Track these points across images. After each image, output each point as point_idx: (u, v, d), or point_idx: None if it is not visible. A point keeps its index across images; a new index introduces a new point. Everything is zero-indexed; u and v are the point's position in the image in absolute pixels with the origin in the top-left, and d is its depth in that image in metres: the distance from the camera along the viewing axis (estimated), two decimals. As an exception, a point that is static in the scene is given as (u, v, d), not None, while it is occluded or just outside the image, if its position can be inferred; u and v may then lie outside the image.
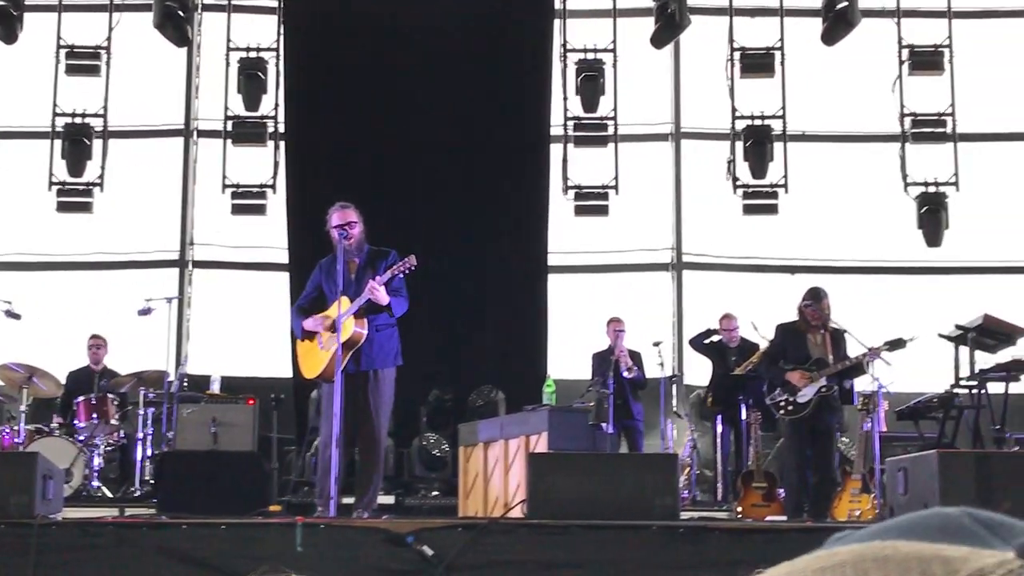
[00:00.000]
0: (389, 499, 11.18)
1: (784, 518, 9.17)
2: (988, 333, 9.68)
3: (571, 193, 13.93)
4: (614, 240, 14.50)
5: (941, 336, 9.92)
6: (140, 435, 11.07)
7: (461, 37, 13.27)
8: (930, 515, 0.72)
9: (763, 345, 11.03)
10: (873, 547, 0.70)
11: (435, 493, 11.56)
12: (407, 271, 7.87)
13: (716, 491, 11.58)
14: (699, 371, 13.04)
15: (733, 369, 11.54)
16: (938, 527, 0.70)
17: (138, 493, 10.76)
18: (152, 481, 10.67)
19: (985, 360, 9.72)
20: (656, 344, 11.76)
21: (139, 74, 14.48)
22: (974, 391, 9.61)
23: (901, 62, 14.01)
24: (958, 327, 9.74)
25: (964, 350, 9.70)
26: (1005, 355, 9.76)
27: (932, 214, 13.62)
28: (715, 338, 11.92)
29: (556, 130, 13.88)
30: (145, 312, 11.37)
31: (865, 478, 9.34)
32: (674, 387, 12.52)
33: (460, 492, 10.41)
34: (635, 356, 11.74)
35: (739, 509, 9.90)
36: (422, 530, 6.62)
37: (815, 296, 9.52)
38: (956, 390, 9.76)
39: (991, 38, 14.71)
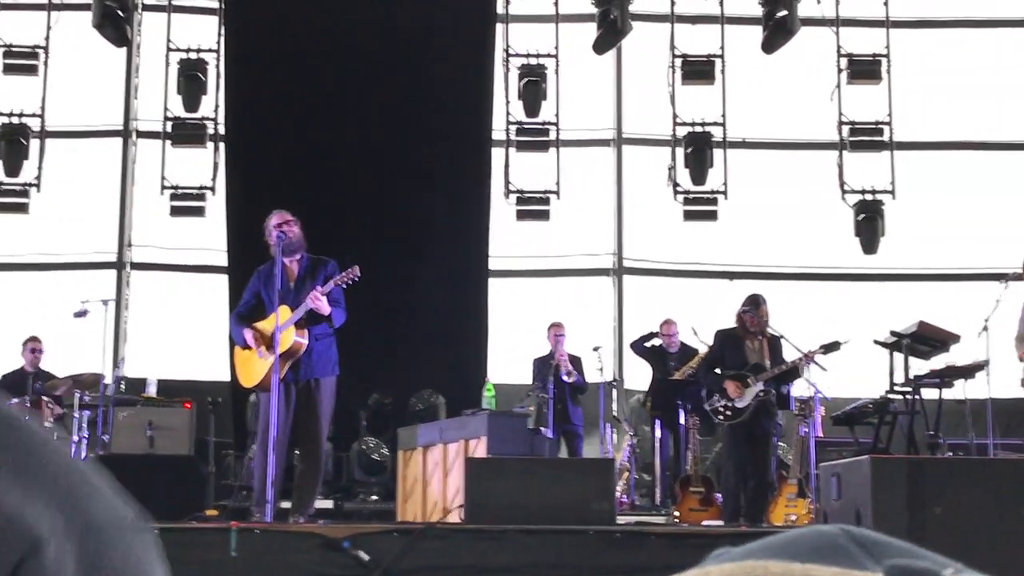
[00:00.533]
0: (328, 503, 11.13)
1: (721, 522, 9.23)
2: (923, 340, 9.78)
3: (513, 198, 13.95)
4: (555, 245, 14.53)
5: (877, 343, 10.01)
6: (75, 438, 10.92)
7: (403, 41, 13.24)
8: (806, 534, 0.73)
9: (702, 350, 11.12)
10: (744, 567, 0.70)
11: (374, 497, 11.52)
12: (350, 282, 7.87)
13: (654, 495, 11.63)
14: (639, 376, 13.10)
15: (672, 374, 11.60)
16: (812, 547, 0.71)
17: (73, 497, 10.62)
18: (87, 485, 10.54)
19: (920, 366, 9.83)
20: (596, 349, 11.80)
21: (77, 74, 14.34)
22: (908, 397, 9.71)
23: (839, 71, 14.14)
24: (893, 334, 9.84)
25: (899, 356, 9.79)
26: (939, 361, 9.86)
27: (869, 222, 13.76)
28: (655, 342, 11.98)
29: (498, 134, 13.89)
30: (81, 314, 11.23)
31: (801, 483, 9.43)
32: (614, 392, 12.56)
33: (399, 496, 10.39)
34: (575, 361, 11.77)
35: (676, 513, 9.96)
36: (358, 535, 6.62)
37: (754, 303, 9.61)
38: (891, 396, 9.85)
39: (928, 47, 14.89)
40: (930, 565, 0.68)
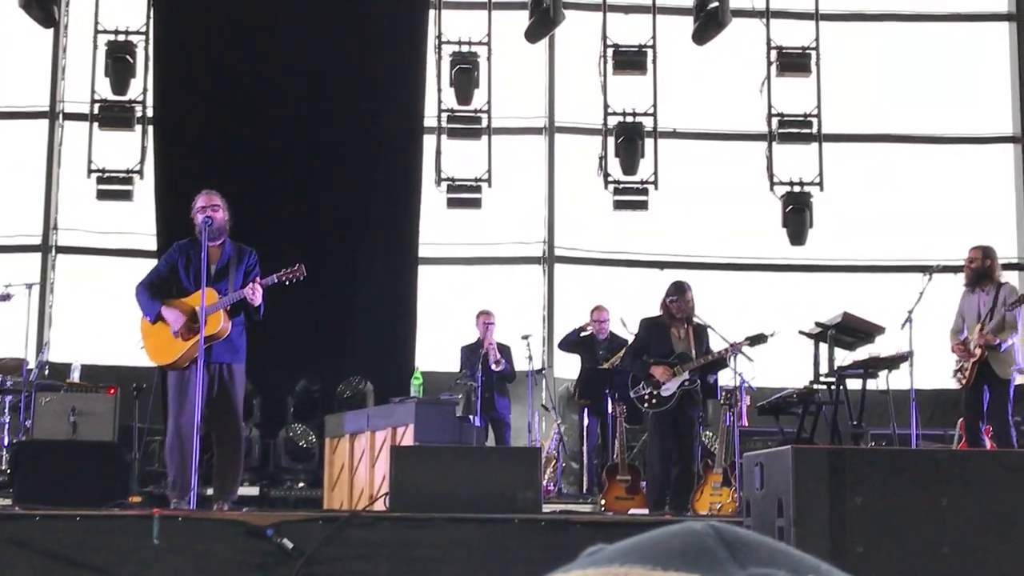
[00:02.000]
0: (254, 490, 11.07)
1: (646, 511, 9.29)
2: (847, 331, 9.90)
3: (444, 185, 13.93)
4: (486, 233, 14.53)
5: (802, 333, 10.12)
6: (-4, 423, 10.82)
7: (334, 26, 13.16)
8: (677, 534, 0.73)
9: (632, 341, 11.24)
10: (608, 572, 0.71)
11: (301, 485, 11.47)
12: (295, 280, 7.86)
13: (582, 483, 11.69)
14: (567, 365, 13.15)
15: (601, 363, 11.66)
16: (680, 550, 0.71)
17: (-7, 483, 10.50)
18: (8, 471, 10.42)
19: (844, 357, 9.95)
20: (525, 337, 11.82)
21: (3, 55, 14.12)
22: (833, 387, 9.83)
23: (769, 63, 14.25)
24: (818, 324, 9.95)
25: (824, 347, 9.91)
26: (863, 352, 10.00)
27: (797, 213, 13.89)
28: (587, 331, 12.02)
29: (430, 121, 13.85)
30: (4, 298, 11.08)
31: (726, 472, 9.51)
32: (543, 380, 12.59)
33: (325, 484, 10.35)
34: (504, 349, 11.79)
35: (603, 502, 10.01)
36: (282, 523, 6.59)
37: (679, 290, 9.67)
38: (815, 386, 9.97)
39: (857, 41, 15.05)
40: (787, 574, 0.69)
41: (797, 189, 14.04)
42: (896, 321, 9.85)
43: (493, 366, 11.47)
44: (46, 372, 11.71)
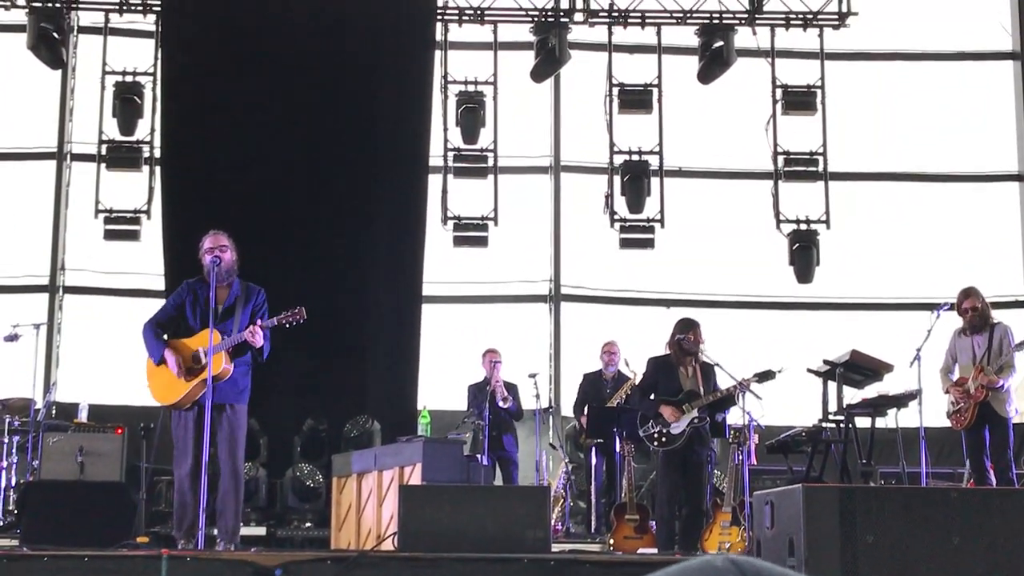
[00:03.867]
0: (260, 530, 11.04)
1: (655, 551, 9.25)
2: (856, 369, 9.88)
3: (450, 224, 13.95)
4: (492, 271, 14.54)
5: (810, 371, 10.10)
6: (4, 464, 10.79)
7: (341, 67, 13.23)
8: (698, 569, 0.73)
9: (636, 379, 11.25)
10: None
11: (308, 524, 11.44)
12: (296, 323, 7.87)
13: (590, 523, 11.63)
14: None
15: (607, 400, 11.64)
16: None
17: (1, 524, 10.47)
18: (15, 511, 10.40)
19: (852, 395, 9.92)
20: (532, 376, 11.80)
21: (12, 96, 14.19)
22: (842, 425, 9.80)
23: (775, 101, 14.29)
24: (827, 362, 9.93)
25: (833, 385, 9.88)
26: (872, 390, 9.98)
27: (803, 251, 13.89)
28: (592, 369, 12.06)
29: (436, 161, 13.89)
30: (12, 338, 11.09)
31: (735, 510, 9.46)
32: (550, 419, 12.56)
33: (333, 524, 10.31)
34: (511, 387, 11.77)
35: (611, 541, 9.96)
36: (291, 563, 6.55)
37: (688, 326, 9.64)
38: (824, 424, 9.94)
39: (862, 79, 15.09)
40: None
41: (804, 227, 14.05)
42: (905, 359, 9.84)
43: (500, 403, 11.45)
44: (53, 412, 11.70)
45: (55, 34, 13.07)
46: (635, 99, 14.16)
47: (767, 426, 10.63)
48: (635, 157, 14.11)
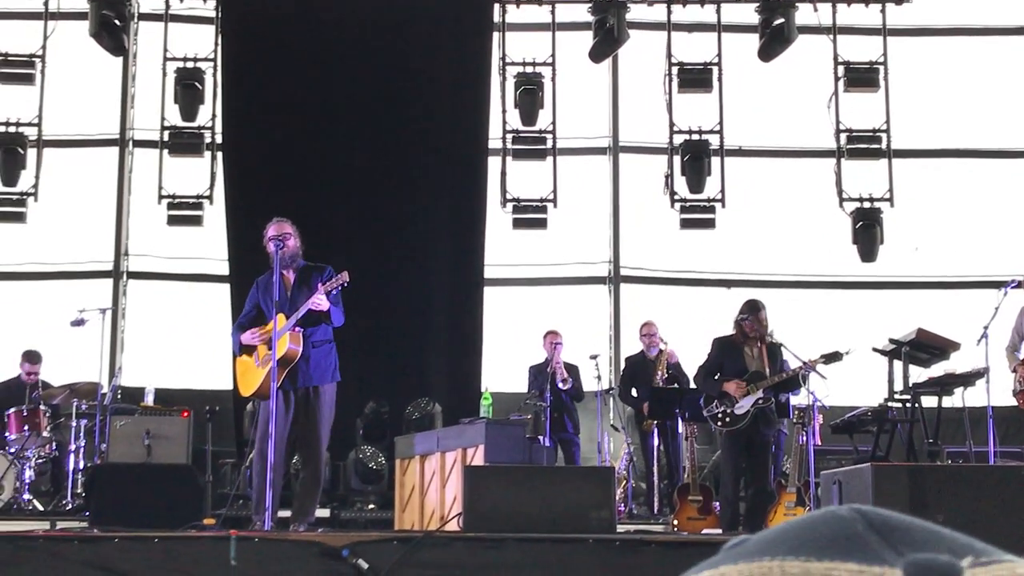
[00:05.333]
0: (325, 512, 11.10)
1: (720, 531, 9.21)
2: (921, 347, 9.78)
3: (509, 206, 13.94)
4: (552, 253, 14.51)
5: (875, 350, 10.00)
6: (72, 447, 10.93)
7: (400, 50, 13.25)
8: (823, 521, 0.70)
9: (667, 350, 11.52)
10: (760, 568, 0.68)
11: (371, 506, 11.50)
12: (341, 287, 7.88)
13: (652, 504, 11.61)
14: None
15: (660, 381, 11.59)
16: (829, 538, 0.68)
17: (70, 506, 10.61)
18: (84, 494, 10.53)
19: (918, 374, 9.82)
20: (593, 357, 11.79)
21: (74, 83, 14.32)
22: (908, 405, 9.70)
23: (837, 78, 14.15)
24: (892, 341, 9.83)
25: (898, 364, 9.79)
26: (938, 369, 9.87)
27: (867, 229, 13.75)
28: (635, 351, 12.09)
29: (495, 143, 13.88)
30: (78, 323, 11.22)
31: (800, 491, 9.40)
32: (611, 400, 12.53)
33: (396, 505, 10.36)
34: (572, 369, 11.76)
35: (675, 522, 9.93)
36: (357, 543, 6.59)
37: (752, 308, 9.58)
38: (890, 404, 9.85)
39: (925, 55, 14.89)
40: (949, 559, 0.66)
41: (867, 205, 13.91)
42: (971, 337, 9.71)
43: (560, 385, 11.45)
44: (119, 396, 11.82)
45: (116, 21, 13.16)
46: (695, 78, 14.07)
47: (832, 406, 10.54)
48: (695, 137, 14.03)
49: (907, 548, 0.67)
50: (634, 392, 12.03)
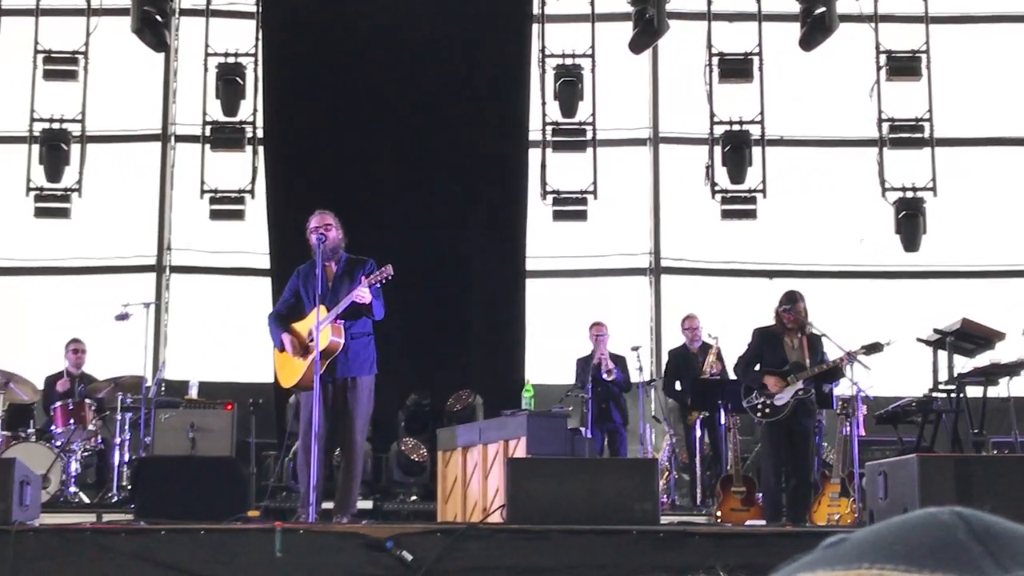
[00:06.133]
0: (367, 504, 11.14)
1: (763, 522, 9.18)
2: (966, 337, 9.69)
3: (549, 198, 13.93)
4: (592, 245, 14.50)
5: (920, 340, 9.93)
6: (117, 440, 11.02)
7: (440, 42, 13.25)
8: (921, 527, 0.67)
9: (716, 344, 11.46)
10: (860, 574, 0.66)
11: (413, 498, 11.53)
12: (384, 281, 7.89)
13: (695, 495, 11.59)
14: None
15: (703, 372, 11.57)
16: (929, 547, 0.65)
17: (115, 499, 10.70)
18: (129, 487, 10.62)
19: (963, 364, 9.74)
20: (635, 349, 11.79)
21: (117, 79, 14.42)
22: (952, 395, 9.63)
23: (879, 67, 14.05)
24: (936, 331, 9.75)
25: (943, 354, 9.71)
26: (983, 359, 9.78)
27: (910, 219, 13.65)
28: (679, 344, 12.06)
29: (534, 135, 13.87)
30: (123, 317, 11.30)
31: (844, 482, 9.36)
32: (652, 391, 12.51)
33: (438, 497, 10.38)
34: (618, 360, 11.74)
35: (718, 513, 9.91)
36: (401, 535, 6.61)
37: (791, 299, 9.53)
38: (935, 394, 9.77)
39: (968, 43, 14.77)
40: None
41: (910, 195, 13.81)
42: (1016, 327, 9.63)
43: (604, 375, 11.44)
44: (163, 389, 11.91)
45: (158, 17, 13.22)
46: (735, 68, 14.01)
47: (876, 397, 10.48)
48: (736, 127, 13.97)
49: (1013, 563, 0.65)
50: (678, 385, 12.00)
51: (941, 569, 0.64)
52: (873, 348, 9.38)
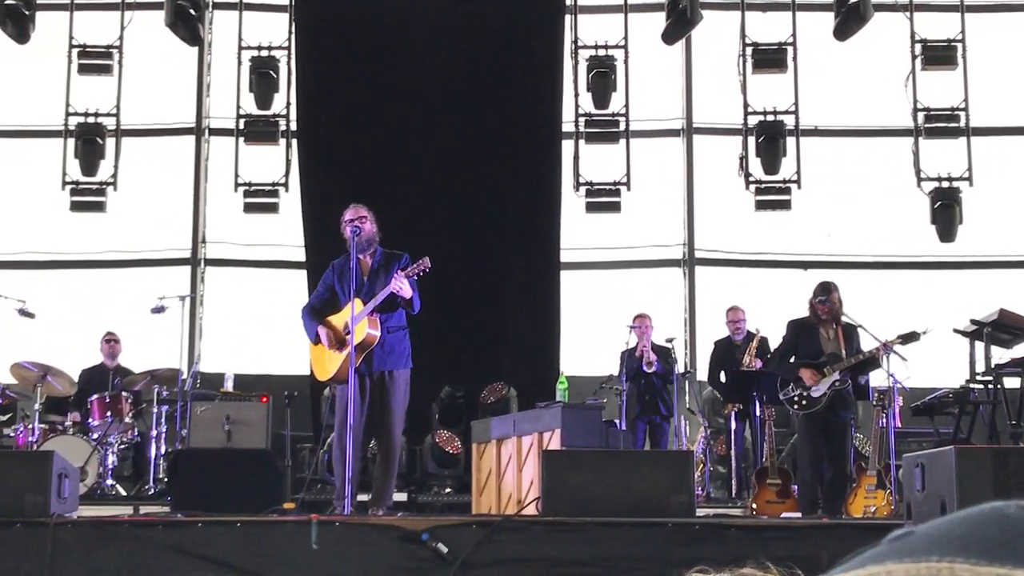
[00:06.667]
0: (402, 496, 11.17)
1: (799, 514, 9.15)
2: (1003, 328, 9.63)
3: (583, 190, 13.91)
4: (626, 236, 14.47)
5: (956, 331, 9.88)
6: (154, 433, 11.09)
7: (472, 34, 13.26)
8: (990, 520, 0.67)
9: (758, 335, 11.40)
10: (928, 569, 0.66)
11: (448, 490, 11.55)
12: (422, 273, 7.90)
13: (730, 487, 11.56)
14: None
15: (742, 365, 11.53)
16: (999, 541, 0.65)
17: (152, 491, 10.77)
18: (166, 479, 10.68)
19: (1000, 355, 9.68)
20: (669, 340, 11.74)
21: (151, 73, 14.49)
22: (990, 386, 9.57)
23: (914, 56, 13.95)
24: (973, 322, 9.70)
25: (980, 345, 9.65)
26: (1020, 350, 9.72)
27: (946, 209, 13.56)
28: (722, 336, 11.97)
29: (567, 127, 13.85)
30: (158, 310, 11.37)
31: (880, 474, 9.31)
32: (687, 383, 12.48)
33: (473, 489, 10.40)
34: (662, 351, 11.68)
35: (754, 506, 9.88)
36: (436, 527, 6.63)
37: (825, 290, 9.49)
38: (972, 385, 9.72)
39: (1004, 32, 14.65)
40: None
41: (945, 185, 13.71)
42: (1054, 317, 9.56)
43: (645, 367, 11.41)
44: (199, 382, 11.97)
45: (192, 11, 13.28)
46: (769, 58, 13.94)
47: (912, 388, 10.42)
48: (770, 117, 13.91)
49: None
50: (722, 376, 11.95)
51: (1012, 562, 0.63)
52: (909, 337, 9.32)
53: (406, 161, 13.03)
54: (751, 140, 13.90)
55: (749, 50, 13.99)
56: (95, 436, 10.76)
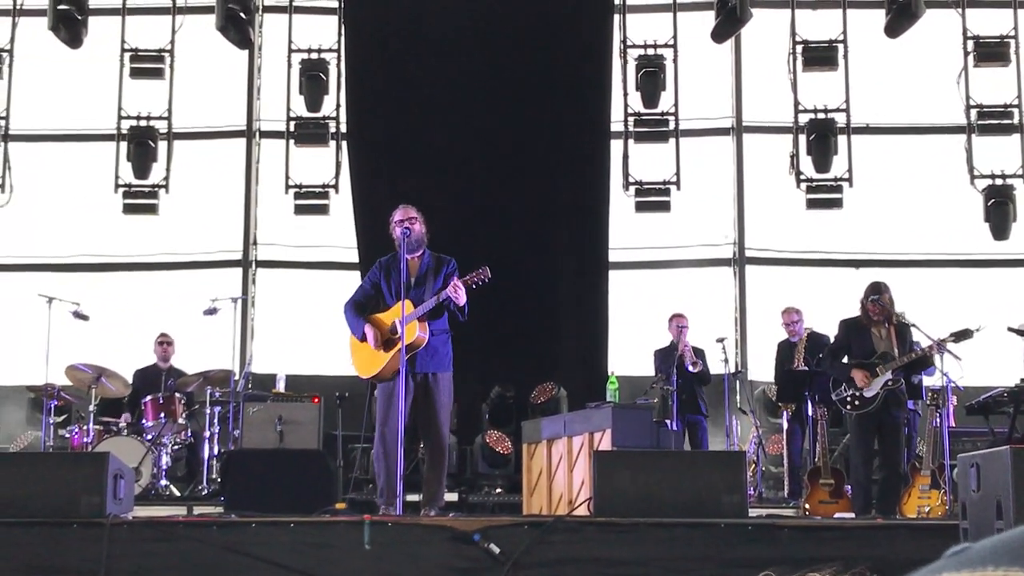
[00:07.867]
0: (452, 496, 11.19)
1: (852, 515, 9.09)
2: (1059, 326, 9.54)
3: (632, 189, 13.88)
4: (676, 236, 14.42)
5: (1011, 330, 9.78)
6: (207, 434, 11.18)
7: (521, 36, 13.26)
8: None
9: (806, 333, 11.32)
10: None
11: (498, 490, 11.57)
12: (482, 282, 7.91)
13: (783, 487, 11.50)
14: (763, 367, 12.96)
15: (797, 365, 11.46)
16: None
17: (205, 492, 10.86)
18: (219, 479, 10.76)
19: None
20: (720, 340, 11.70)
21: (202, 76, 14.59)
22: (1045, 385, 9.48)
23: (966, 53, 13.82)
24: (1028, 320, 9.61)
25: (1035, 344, 9.56)
26: (1076, 348, 9.62)
27: (999, 207, 13.42)
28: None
29: (617, 126, 13.83)
30: (211, 312, 11.46)
31: (935, 474, 9.24)
32: (738, 383, 12.43)
33: (524, 489, 10.40)
34: (698, 352, 11.68)
35: (806, 506, 9.82)
36: (488, 528, 6.64)
37: (876, 290, 9.42)
38: (1027, 384, 9.62)
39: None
40: None
41: (999, 182, 13.58)
42: (1111, 315, 9.45)
43: (690, 367, 11.38)
44: (251, 383, 12.04)
45: (242, 14, 13.36)
46: (820, 56, 13.85)
47: (966, 387, 10.33)
48: (821, 115, 13.82)
49: None
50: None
51: None
52: (963, 335, 9.23)
53: (455, 162, 13.06)
54: (802, 138, 13.82)
55: (799, 48, 13.90)
56: (149, 437, 10.86)
